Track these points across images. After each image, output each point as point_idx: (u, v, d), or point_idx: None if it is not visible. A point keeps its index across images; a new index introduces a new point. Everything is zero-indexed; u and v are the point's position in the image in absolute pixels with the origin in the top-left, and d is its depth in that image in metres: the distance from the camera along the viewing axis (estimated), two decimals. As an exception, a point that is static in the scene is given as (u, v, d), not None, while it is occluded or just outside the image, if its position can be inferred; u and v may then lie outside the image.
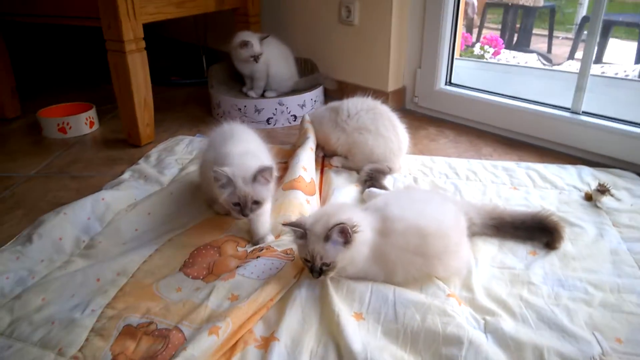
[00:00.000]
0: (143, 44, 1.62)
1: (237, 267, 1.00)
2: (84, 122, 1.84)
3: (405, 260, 0.92)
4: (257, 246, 1.09)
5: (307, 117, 1.56)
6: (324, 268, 0.89)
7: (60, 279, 0.98)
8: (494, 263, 1.04)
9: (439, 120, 1.93)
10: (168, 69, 2.66)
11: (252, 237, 1.12)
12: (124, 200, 1.27)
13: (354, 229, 0.87)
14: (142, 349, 0.81)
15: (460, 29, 1.93)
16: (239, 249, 1.09)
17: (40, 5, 1.70)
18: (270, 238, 1.12)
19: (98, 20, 1.55)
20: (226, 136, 1.17)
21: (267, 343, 0.83)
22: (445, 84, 1.92)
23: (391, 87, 1.97)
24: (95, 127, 1.89)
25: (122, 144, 1.73)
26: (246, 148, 1.11)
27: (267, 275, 0.96)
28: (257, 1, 2.15)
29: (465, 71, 1.97)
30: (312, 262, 0.89)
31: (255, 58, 1.88)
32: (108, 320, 0.87)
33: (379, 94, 1.61)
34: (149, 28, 1.63)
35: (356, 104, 1.47)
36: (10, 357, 0.80)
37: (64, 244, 1.10)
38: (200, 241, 1.10)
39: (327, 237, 0.87)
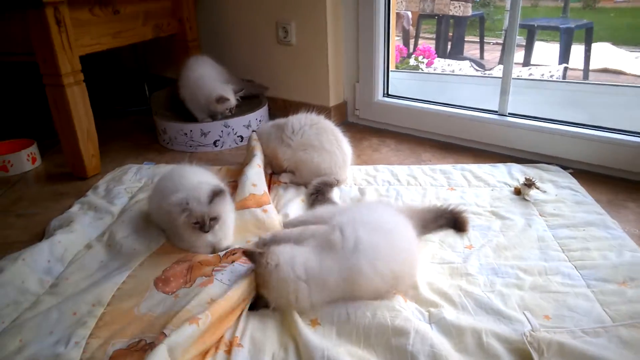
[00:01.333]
0: (81, 76, 1.62)
1: (214, 271, 1.04)
2: (26, 159, 1.81)
3: (377, 294, 0.95)
4: (229, 249, 1.13)
5: (254, 135, 1.61)
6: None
7: (33, 319, 0.98)
8: (435, 260, 1.12)
9: (381, 131, 2.03)
10: (111, 98, 2.63)
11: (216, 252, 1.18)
12: (80, 241, 1.26)
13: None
14: (138, 362, 0.83)
15: (394, 42, 2.05)
16: (210, 256, 1.13)
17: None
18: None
19: (33, 56, 1.54)
20: (173, 175, 1.26)
21: (230, 348, 0.88)
22: (383, 96, 2.03)
23: (332, 102, 2.06)
24: (38, 162, 1.86)
25: (68, 178, 1.71)
26: (197, 179, 1.19)
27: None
28: (195, 26, 2.20)
29: (401, 82, 2.08)
30: None
31: (231, 110, 1.90)
32: (96, 350, 0.88)
33: (322, 109, 1.68)
34: (87, 57, 1.63)
35: (300, 120, 1.53)
36: None
37: (28, 286, 1.08)
38: (170, 260, 1.14)
39: None
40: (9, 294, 1.05)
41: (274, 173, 1.59)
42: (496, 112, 1.74)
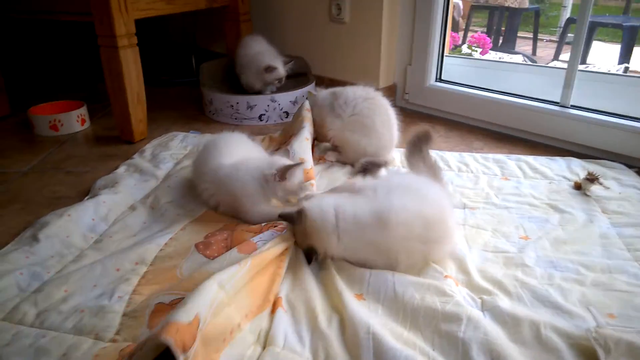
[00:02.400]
0: (135, 39, 1.62)
1: (253, 238, 1.01)
2: (76, 120, 1.83)
3: (408, 249, 0.93)
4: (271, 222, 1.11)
5: (307, 104, 1.57)
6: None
7: (78, 271, 0.98)
8: (488, 248, 1.06)
9: (430, 117, 1.96)
10: (158, 68, 2.65)
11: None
12: (124, 202, 1.26)
13: None
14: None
15: (450, 25, 1.96)
16: (253, 225, 1.11)
17: (32, 1, 1.69)
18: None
19: (90, 16, 1.55)
20: (221, 144, 1.26)
21: (274, 308, 0.87)
22: (436, 81, 1.96)
23: (382, 83, 2.00)
24: (87, 124, 1.88)
25: (115, 141, 1.73)
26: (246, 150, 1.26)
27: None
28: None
29: (454, 68, 2.00)
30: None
31: (280, 81, 1.91)
32: (138, 304, 0.88)
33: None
34: (137, 25, 1.62)
35: (355, 92, 1.47)
36: (47, 344, 0.79)
37: (73, 241, 1.09)
38: (212, 227, 1.12)
39: None
40: (54, 246, 1.06)
41: (317, 140, 1.55)
42: (557, 103, 1.64)
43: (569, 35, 3.53)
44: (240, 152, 1.23)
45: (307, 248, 0.97)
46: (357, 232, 0.93)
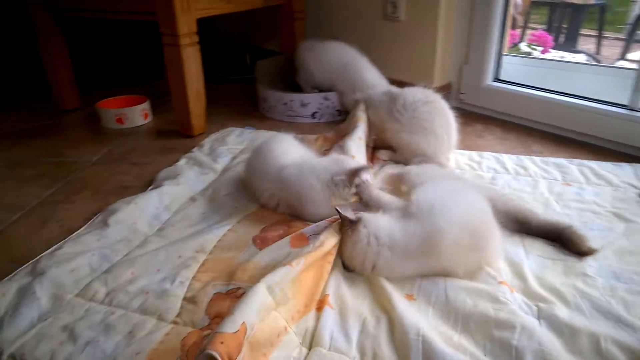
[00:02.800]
0: (196, 38, 1.68)
1: (309, 236, 1.03)
2: (139, 114, 1.93)
3: (462, 261, 0.93)
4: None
5: (361, 106, 1.57)
6: None
7: (143, 256, 1.04)
8: (546, 254, 1.03)
9: (486, 117, 1.92)
10: (213, 65, 2.73)
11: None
12: (185, 194, 1.32)
13: None
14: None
15: (510, 22, 1.91)
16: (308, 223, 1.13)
17: (99, 1, 1.79)
18: None
19: (154, 15, 1.62)
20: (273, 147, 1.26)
21: (321, 306, 0.88)
22: (493, 80, 1.91)
23: (436, 83, 1.97)
24: (150, 118, 1.98)
25: (175, 135, 1.80)
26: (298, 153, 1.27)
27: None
28: (302, -3, 2.20)
29: (513, 67, 1.95)
30: None
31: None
32: (198, 290, 0.93)
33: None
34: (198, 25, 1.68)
35: (414, 94, 1.45)
36: (115, 321, 0.86)
37: (139, 227, 1.16)
38: (268, 220, 1.16)
39: None
40: (122, 231, 1.13)
41: (376, 147, 1.55)
42: (625, 106, 1.57)
43: (638, 32, 3.33)
44: (295, 153, 1.24)
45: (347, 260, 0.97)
46: (406, 259, 0.93)
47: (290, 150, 1.24)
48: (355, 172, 1.09)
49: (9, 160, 1.60)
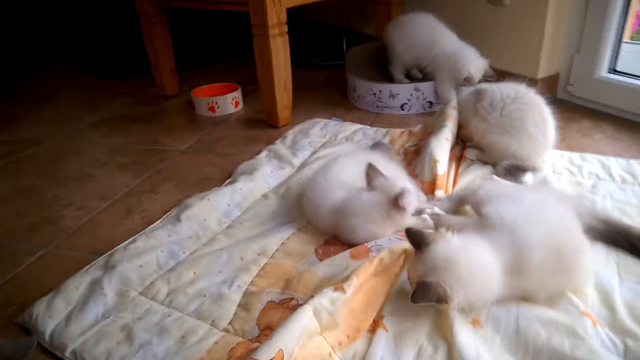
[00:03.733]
0: (285, 28, 1.65)
1: (370, 248, 0.98)
2: (230, 102, 1.97)
3: (545, 284, 0.82)
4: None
5: (454, 102, 1.46)
6: None
7: (207, 255, 1.06)
8: (640, 280, 0.87)
9: (596, 113, 1.68)
10: (308, 50, 2.70)
11: None
12: (258, 191, 1.32)
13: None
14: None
15: (635, 5, 1.61)
16: None
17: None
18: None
19: (246, 6, 1.62)
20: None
21: (374, 328, 0.82)
22: (609, 72, 1.66)
23: (542, 73, 1.76)
24: (240, 106, 2.01)
25: (262, 124, 1.81)
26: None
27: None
28: (401, -20, 2.06)
29: (634, 57, 1.66)
30: None
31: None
32: (252, 296, 0.93)
33: (527, 81, 1.42)
34: (291, 10, 1.65)
35: (503, 91, 1.30)
36: (171, 324, 0.88)
37: (209, 224, 1.18)
38: None
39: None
40: (192, 227, 1.16)
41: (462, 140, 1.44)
42: None
43: None
44: (350, 180, 1.10)
45: (423, 284, 0.79)
46: (497, 282, 0.81)
47: (342, 180, 1.11)
48: (397, 200, 0.98)
49: (107, 147, 1.73)
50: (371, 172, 1.05)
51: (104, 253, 1.09)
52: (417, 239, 0.84)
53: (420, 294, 0.78)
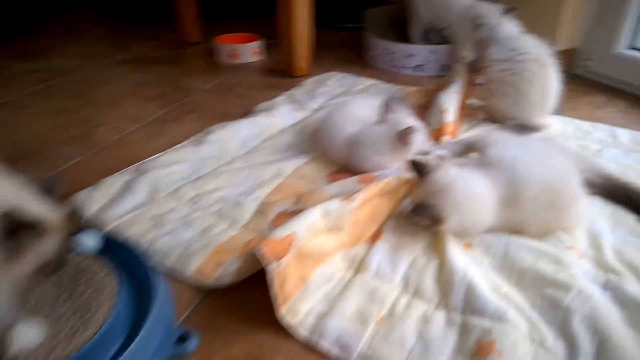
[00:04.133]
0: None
1: (377, 176, 1.07)
2: (251, 51, 2.05)
3: (537, 219, 0.90)
4: None
5: (462, 61, 1.53)
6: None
7: (228, 172, 1.16)
8: (635, 233, 0.95)
9: (611, 89, 1.73)
10: (327, 12, 2.75)
11: None
12: (276, 126, 1.41)
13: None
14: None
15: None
16: None
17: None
18: None
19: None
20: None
21: (375, 239, 0.92)
22: (628, 48, 1.71)
23: (560, 46, 1.80)
24: (260, 57, 2.09)
25: (281, 74, 1.89)
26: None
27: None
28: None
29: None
30: None
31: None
32: (267, 206, 1.03)
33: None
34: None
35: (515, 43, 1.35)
36: (195, 219, 0.99)
37: (229, 148, 1.28)
38: None
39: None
40: (214, 149, 1.26)
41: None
42: None
43: None
44: (362, 119, 1.21)
45: (420, 205, 0.89)
46: (491, 210, 0.90)
47: (357, 117, 1.21)
48: (404, 134, 1.08)
49: (135, 80, 1.82)
50: (391, 103, 1.14)
51: (134, 163, 1.20)
52: (420, 167, 0.93)
53: (417, 211, 0.88)
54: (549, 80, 1.34)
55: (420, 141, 1.13)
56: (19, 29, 2.43)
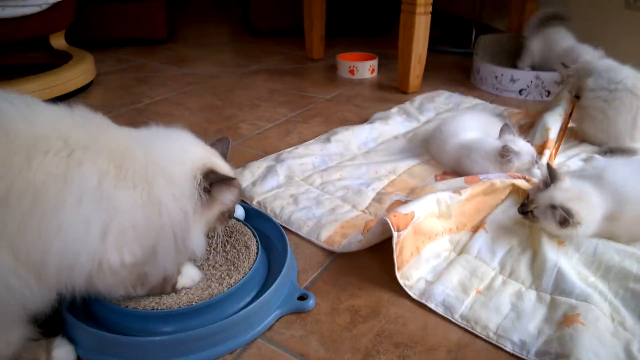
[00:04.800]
0: (430, 8, 1.90)
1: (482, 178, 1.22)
2: (368, 68, 2.29)
3: (631, 233, 1.01)
4: None
5: (569, 85, 1.61)
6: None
7: (350, 166, 1.38)
8: None
9: None
10: (440, 37, 2.93)
11: None
12: (391, 132, 1.63)
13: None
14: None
15: None
16: None
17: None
18: None
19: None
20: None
21: (477, 229, 1.08)
22: None
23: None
24: (375, 74, 2.32)
25: (394, 90, 2.10)
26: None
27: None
28: (540, -22, 2.22)
29: None
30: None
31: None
32: (383, 195, 1.24)
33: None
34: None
35: (611, 73, 1.43)
36: (324, 200, 1.22)
37: (351, 147, 1.51)
38: None
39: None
40: (338, 147, 1.50)
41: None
42: None
43: None
44: (473, 131, 1.37)
45: (552, 207, 0.99)
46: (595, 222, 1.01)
47: (469, 127, 1.38)
48: (504, 151, 1.23)
49: (268, 88, 2.13)
50: (506, 128, 1.32)
51: (273, 153, 1.46)
52: (552, 173, 1.03)
53: (550, 214, 0.99)
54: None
55: (518, 161, 1.26)
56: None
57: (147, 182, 0.72)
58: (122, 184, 0.69)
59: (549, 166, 1.06)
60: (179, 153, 0.78)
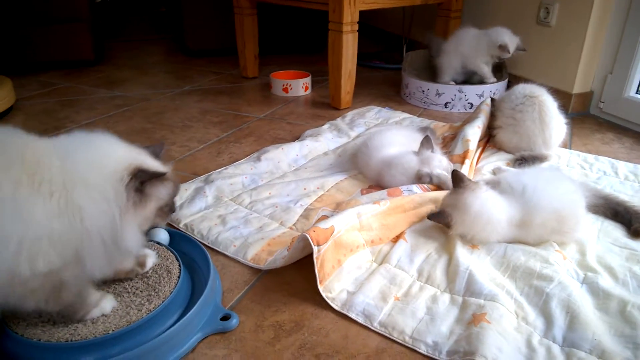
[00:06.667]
0: (356, 26, 1.98)
1: (403, 190, 1.28)
2: (301, 86, 2.33)
3: (540, 238, 1.09)
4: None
5: (488, 100, 1.74)
6: None
7: (279, 184, 1.41)
8: (618, 242, 1.12)
9: (621, 128, 1.90)
10: (372, 54, 3.04)
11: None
12: (321, 149, 1.67)
13: None
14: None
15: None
16: None
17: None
18: None
19: (326, 5, 1.97)
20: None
21: (397, 239, 1.13)
22: (637, 92, 1.88)
23: (577, 89, 2.00)
24: (309, 91, 2.37)
25: (327, 106, 2.16)
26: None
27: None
28: (461, -3, 2.36)
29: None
30: None
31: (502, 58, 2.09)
32: (311, 211, 1.26)
33: (564, 95, 1.69)
34: (361, 17, 1.97)
35: (519, 90, 1.59)
36: (252, 219, 1.23)
37: (281, 165, 1.54)
38: None
39: None
40: (269, 166, 1.52)
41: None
42: None
43: None
44: (396, 146, 1.42)
45: (444, 214, 1.10)
46: (500, 229, 1.08)
47: (392, 142, 1.44)
48: (420, 176, 1.31)
49: (200, 109, 2.13)
50: (426, 142, 1.37)
51: (202, 174, 1.46)
52: (457, 179, 1.12)
53: (436, 215, 1.11)
54: (546, 118, 1.54)
55: (438, 180, 1.33)
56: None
57: (65, 189, 0.71)
58: (36, 193, 0.69)
59: (454, 172, 1.14)
60: (99, 157, 0.78)
